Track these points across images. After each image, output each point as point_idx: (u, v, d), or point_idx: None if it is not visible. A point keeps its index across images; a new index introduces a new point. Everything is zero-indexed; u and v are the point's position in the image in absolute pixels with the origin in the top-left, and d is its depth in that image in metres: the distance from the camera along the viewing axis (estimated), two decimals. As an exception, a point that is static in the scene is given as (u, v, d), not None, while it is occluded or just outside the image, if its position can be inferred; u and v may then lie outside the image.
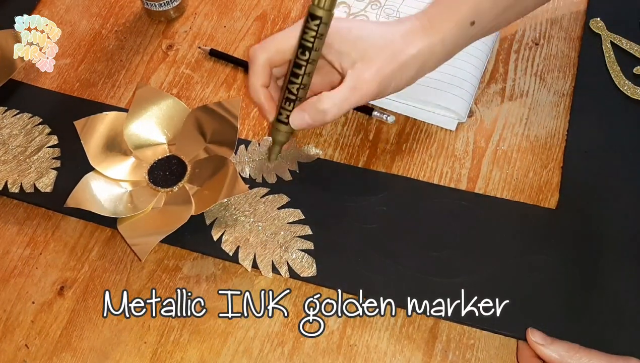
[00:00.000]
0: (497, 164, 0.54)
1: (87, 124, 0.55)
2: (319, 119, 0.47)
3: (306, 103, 0.47)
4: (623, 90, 0.55)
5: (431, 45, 0.47)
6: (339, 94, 0.46)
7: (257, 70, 0.49)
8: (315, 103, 0.47)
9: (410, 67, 0.47)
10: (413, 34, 0.47)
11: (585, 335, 0.44)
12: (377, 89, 0.47)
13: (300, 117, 0.48)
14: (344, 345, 0.47)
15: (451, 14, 0.47)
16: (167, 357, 0.47)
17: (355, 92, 0.46)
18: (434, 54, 0.48)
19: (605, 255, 0.48)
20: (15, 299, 0.50)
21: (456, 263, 0.48)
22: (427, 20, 0.48)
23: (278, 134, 0.50)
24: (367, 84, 0.46)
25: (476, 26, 0.48)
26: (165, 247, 0.51)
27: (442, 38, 0.47)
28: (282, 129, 0.49)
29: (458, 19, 0.47)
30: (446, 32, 0.47)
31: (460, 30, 0.48)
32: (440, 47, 0.47)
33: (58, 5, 0.67)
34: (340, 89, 0.46)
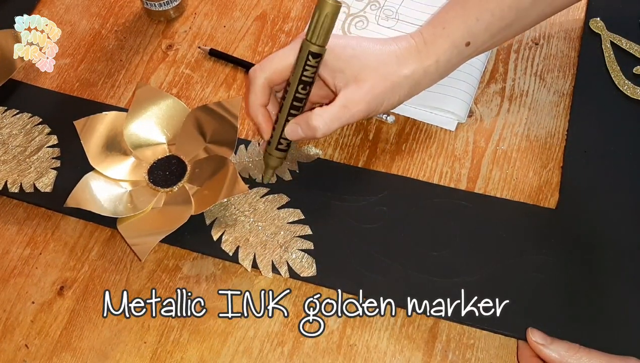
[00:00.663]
0: (497, 164, 0.54)
1: (87, 123, 0.55)
2: (309, 134, 0.48)
3: (300, 117, 0.49)
4: (623, 90, 0.55)
5: (425, 67, 0.48)
6: (329, 112, 0.47)
7: (256, 91, 0.50)
8: (307, 119, 0.48)
9: (403, 87, 0.48)
10: (407, 55, 0.48)
11: (585, 335, 0.44)
12: (367, 109, 0.48)
13: (294, 130, 0.49)
14: (344, 345, 0.47)
15: (447, 35, 0.48)
16: (167, 357, 0.47)
17: (345, 111, 0.47)
18: (428, 75, 0.48)
19: (605, 255, 0.48)
20: (15, 299, 0.50)
21: (456, 263, 0.48)
22: (422, 41, 0.48)
23: (271, 160, 0.51)
24: (358, 104, 0.47)
25: (471, 47, 0.48)
26: (165, 247, 0.51)
27: (437, 59, 0.48)
28: (276, 155, 0.51)
29: (453, 40, 0.48)
30: (441, 53, 0.48)
31: (454, 51, 0.48)
32: (434, 68, 0.48)
33: (58, 5, 0.67)
34: (331, 108, 0.47)
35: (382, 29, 0.61)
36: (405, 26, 0.61)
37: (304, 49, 0.46)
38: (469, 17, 0.48)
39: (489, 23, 0.48)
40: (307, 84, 0.47)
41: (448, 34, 0.48)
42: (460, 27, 0.48)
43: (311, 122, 0.47)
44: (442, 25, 0.48)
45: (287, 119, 0.49)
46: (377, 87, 0.47)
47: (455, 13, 0.48)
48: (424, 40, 0.48)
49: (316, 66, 0.47)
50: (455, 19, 0.48)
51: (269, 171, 0.52)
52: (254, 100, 0.51)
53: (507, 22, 0.48)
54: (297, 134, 0.49)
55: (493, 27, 0.48)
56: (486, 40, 0.49)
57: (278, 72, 0.49)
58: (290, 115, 0.49)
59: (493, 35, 0.48)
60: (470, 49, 0.49)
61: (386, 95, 0.48)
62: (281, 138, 0.50)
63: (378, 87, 0.47)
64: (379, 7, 0.62)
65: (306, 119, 0.48)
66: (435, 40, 0.48)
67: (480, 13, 0.47)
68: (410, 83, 0.48)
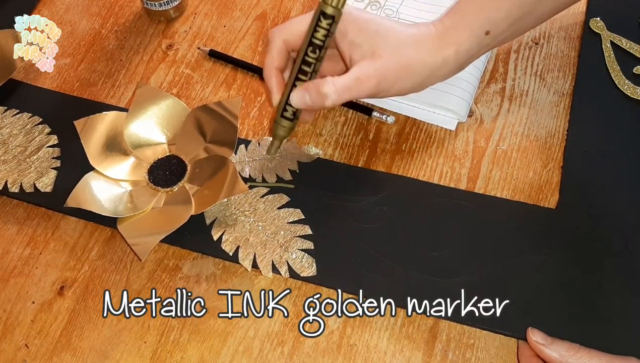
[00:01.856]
0: (497, 164, 0.54)
1: (87, 123, 0.55)
2: (318, 102, 0.47)
3: (310, 83, 0.47)
4: (623, 90, 0.55)
5: (444, 55, 0.47)
6: (342, 81, 0.46)
7: (272, 52, 0.49)
8: (317, 85, 0.46)
9: (418, 73, 0.47)
10: (427, 41, 0.47)
11: (586, 335, 0.44)
12: (377, 85, 0.47)
13: (301, 96, 0.47)
14: (344, 345, 0.47)
15: (466, 24, 0.47)
16: (167, 357, 0.47)
17: (357, 83, 0.46)
18: (446, 65, 0.48)
19: (605, 254, 0.48)
20: (15, 299, 0.50)
21: (456, 263, 0.48)
22: (443, 29, 0.47)
23: (279, 129, 0.49)
24: (370, 78, 0.46)
25: (490, 36, 0.48)
26: (165, 246, 0.51)
27: (457, 49, 0.47)
28: (284, 125, 0.49)
29: (473, 28, 0.47)
30: (461, 42, 0.47)
31: (475, 40, 0.47)
32: (454, 58, 0.47)
33: (58, 5, 0.67)
34: (345, 77, 0.46)
35: (382, 29, 0.60)
36: (406, 26, 0.61)
37: (318, 8, 0.45)
38: (489, 5, 0.47)
39: (508, 11, 0.47)
40: (316, 47, 0.45)
41: (468, 22, 0.47)
42: (480, 15, 0.47)
43: (322, 89, 0.46)
44: (461, 14, 0.48)
45: (294, 84, 0.47)
46: (391, 65, 0.46)
47: (475, 1, 0.48)
48: (444, 28, 0.47)
49: (327, 29, 0.45)
50: (475, 7, 0.47)
51: (276, 142, 0.50)
52: (269, 62, 0.49)
53: (526, 10, 0.48)
54: (304, 101, 0.47)
55: (512, 15, 0.47)
56: (505, 29, 0.48)
57: (297, 35, 0.48)
58: (298, 80, 0.47)
59: (512, 23, 0.48)
60: (489, 39, 0.48)
61: (399, 77, 0.47)
62: (287, 104, 0.48)
63: (392, 66, 0.46)
64: (380, 7, 0.62)
65: (316, 86, 0.46)
66: (455, 29, 0.47)
67: (500, 1, 0.47)
68: (426, 70, 0.47)
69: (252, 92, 0.59)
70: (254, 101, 0.59)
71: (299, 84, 0.47)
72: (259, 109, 0.58)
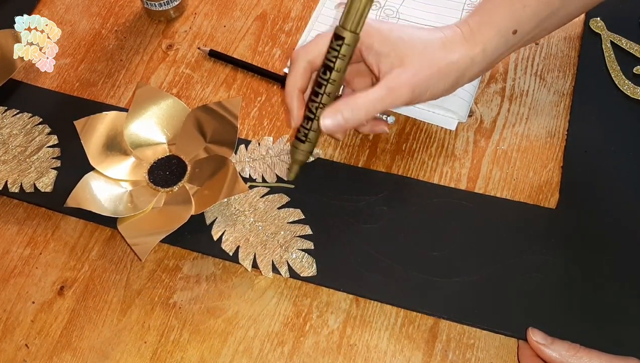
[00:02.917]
0: (497, 164, 0.54)
1: (87, 123, 0.55)
2: (352, 119, 0.46)
3: (340, 102, 0.46)
4: (623, 90, 0.55)
5: (472, 55, 0.46)
6: (375, 93, 0.45)
7: (296, 73, 0.48)
8: (349, 101, 0.45)
9: (449, 75, 0.47)
10: (453, 42, 0.46)
11: (586, 335, 0.44)
12: (411, 93, 0.46)
13: (333, 117, 0.46)
14: (344, 345, 0.47)
15: (493, 23, 0.47)
16: (167, 357, 0.47)
17: (390, 93, 0.45)
18: (475, 64, 0.47)
19: (605, 254, 0.48)
20: (15, 299, 0.50)
21: (456, 263, 0.48)
22: (468, 29, 0.47)
23: (297, 153, 0.49)
24: (402, 87, 0.45)
25: (518, 35, 0.47)
26: (165, 246, 0.51)
27: (484, 48, 0.46)
28: (301, 148, 0.49)
29: (500, 27, 0.46)
30: (487, 41, 0.46)
31: (502, 39, 0.47)
32: (481, 57, 0.47)
33: (58, 5, 0.67)
34: (376, 89, 0.45)
35: (382, 29, 0.61)
36: (406, 26, 0.61)
37: (335, 34, 0.44)
38: (515, 4, 0.46)
39: (535, 9, 0.46)
40: (327, 69, 0.45)
41: (494, 22, 0.46)
42: (506, 14, 0.46)
43: (355, 104, 0.45)
44: (488, 13, 0.47)
45: (307, 107, 0.47)
46: (422, 72, 0.45)
47: (502, 1, 0.47)
48: (470, 28, 0.47)
49: (338, 50, 0.44)
50: (502, 6, 0.47)
51: (295, 167, 0.50)
52: (292, 83, 0.48)
53: (553, 9, 0.47)
54: (337, 122, 0.45)
55: (539, 13, 0.47)
56: (533, 28, 0.47)
57: (322, 56, 0.47)
58: (310, 101, 0.46)
59: (539, 23, 0.47)
60: (516, 38, 0.47)
61: (431, 81, 0.46)
62: (304, 128, 0.48)
63: (424, 72, 0.45)
64: (380, 7, 0.62)
65: (348, 102, 0.45)
66: (481, 28, 0.46)
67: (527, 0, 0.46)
68: (456, 71, 0.47)
69: (252, 92, 0.59)
70: (254, 101, 0.59)
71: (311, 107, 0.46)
72: (259, 109, 0.58)
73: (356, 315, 0.48)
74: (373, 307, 0.48)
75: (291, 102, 0.48)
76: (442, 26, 0.48)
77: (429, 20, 0.61)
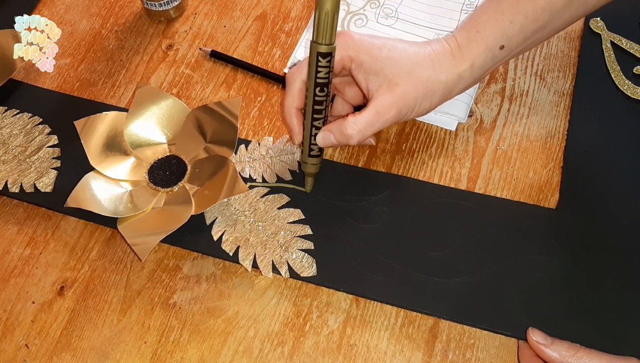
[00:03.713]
0: (497, 164, 0.54)
1: (87, 123, 0.55)
2: (343, 141, 0.48)
3: (333, 125, 0.48)
4: (623, 90, 0.55)
5: (460, 71, 0.47)
6: (363, 119, 0.47)
7: (293, 93, 0.50)
8: (340, 127, 0.47)
9: (436, 93, 0.48)
10: (442, 59, 0.47)
11: (586, 335, 0.44)
12: (398, 115, 0.47)
13: (326, 138, 0.49)
14: (344, 345, 0.47)
15: (480, 39, 0.47)
16: (167, 357, 0.47)
17: (378, 117, 0.47)
18: (462, 80, 0.48)
19: (606, 254, 0.48)
20: (15, 299, 0.50)
21: (456, 263, 0.48)
22: (456, 45, 0.48)
23: (309, 168, 0.51)
24: (390, 110, 0.47)
25: (505, 50, 0.48)
26: (165, 246, 0.51)
27: (472, 63, 0.47)
28: (313, 162, 0.50)
29: (488, 43, 0.47)
30: (475, 57, 0.47)
31: (489, 54, 0.48)
32: (469, 72, 0.48)
33: (58, 5, 0.67)
34: (364, 114, 0.47)
35: (382, 27, 0.61)
36: (405, 25, 0.61)
37: (312, 51, 0.45)
38: (503, 20, 0.47)
39: (522, 25, 0.47)
40: (323, 86, 0.46)
41: (482, 38, 0.47)
42: (494, 30, 0.47)
43: (345, 131, 0.47)
44: (475, 29, 0.48)
45: (312, 124, 0.48)
46: (409, 92, 0.47)
47: (489, 16, 0.48)
48: (457, 44, 0.48)
49: (328, 66, 0.46)
50: (489, 22, 0.47)
51: (310, 180, 0.52)
52: (289, 103, 0.50)
53: (541, 24, 0.47)
54: (329, 142, 0.49)
55: (527, 29, 0.47)
56: (520, 43, 0.48)
57: None
58: (315, 120, 0.48)
59: (527, 37, 0.48)
60: (504, 53, 0.48)
61: (418, 100, 0.47)
62: (311, 144, 0.49)
63: (411, 92, 0.47)
64: (379, 6, 0.62)
65: (339, 127, 0.47)
66: (469, 44, 0.47)
67: (514, 15, 0.47)
68: (444, 89, 0.48)
69: (252, 92, 0.59)
70: (254, 101, 0.59)
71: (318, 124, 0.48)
72: (259, 109, 0.58)
73: (356, 315, 0.48)
74: (373, 307, 0.48)
75: (291, 122, 0.50)
76: (430, 40, 0.49)
77: (427, 21, 0.61)
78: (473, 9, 0.61)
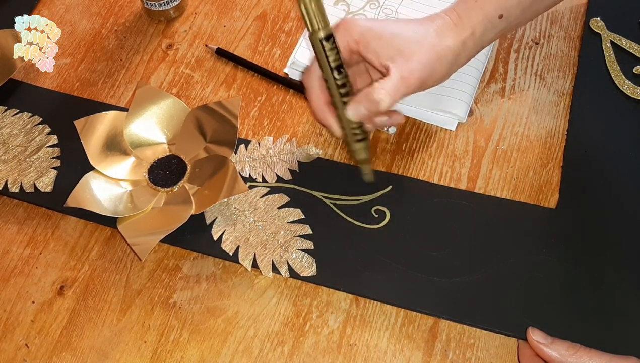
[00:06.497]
0: (497, 164, 0.54)
1: (87, 123, 0.55)
2: (374, 109, 0.47)
3: (360, 95, 0.47)
4: (623, 90, 0.55)
5: (462, 39, 0.48)
6: (390, 83, 0.47)
7: (316, 93, 0.50)
8: (368, 94, 0.47)
9: (447, 59, 0.48)
10: (444, 29, 0.48)
11: (586, 335, 0.44)
12: (420, 78, 0.47)
13: (356, 109, 0.48)
14: (344, 344, 0.47)
15: (479, 8, 0.48)
16: (167, 357, 0.47)
17: (404, 81, 0.47)
18: (466, 48, 0.48)
19: (605, 254, 0.48)
20: (15, 299, 0.50)
21: (456, 263, 0.48)
22: (456, 15, 0.48)
23: (359, 153, 0.50)
24: (413, 73, 0.47)
25: (504, 19, 0.48)
26: (165, 246, 0.51)
27: (472, 32, 0.48)
28: (362, 147, 0.50)
29: (486, 12, 0.48)
30: (475, 25, 0.48)
31: (489, 24, 0.48)
32: (471, 41, 0.48)
33: (58, 5, 0.67)
34: (390, 79, 0.47)
35: (382, 29, 0.61)
36: (406, 26, 0.61)
37: (314, 42, 0.45)
38: None
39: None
40: (339, 67, 0.46)
41: (481, 7, 0.48)
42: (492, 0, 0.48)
43: (374, 96, 0.46)
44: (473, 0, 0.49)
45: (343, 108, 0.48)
46: (423, 58, 0.47)
47: None
48: (457, 14, 0.48)
49: (335, 48, 0.45)
50: None
51: (365, 167, 0.51)
52: (317, 103, 0.50)
53: None
54: (360, 113, 0.48)
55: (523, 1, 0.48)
56: (518, 13, 0.49)
57: None
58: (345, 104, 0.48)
59: (524, 8, 0.49)
60: (503, 23, 0.49)
61: (434, 65, 0.47)
62: (352, 130, 0.49)
63: (425, 57, 0.47)
64: (379, 6, 0.62)
65: (367, 95, 0.47)
66: (468, 14, 0.48)
67: None
68: (452, 55, 0.48)
69: (252, 91, 0.59)
70: (254, 101, 0.59)
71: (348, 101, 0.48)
72: (259, 109, 0.58)
73: (356, 314, 0.48)
74: (373, 307, 0.48)
75: (325, 119, 0.50)
76: (429, 15, 0.49)
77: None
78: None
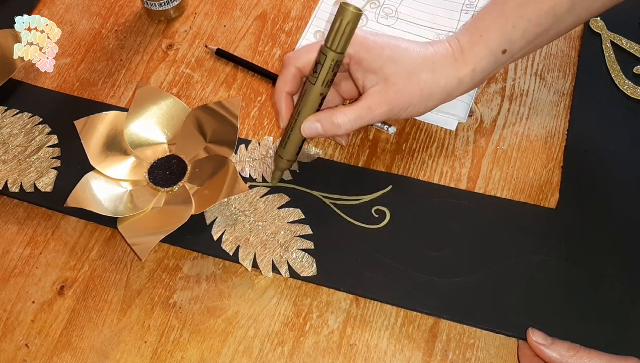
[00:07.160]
0: (497, 164, 0.54)
1: (87, 123, 0.55)
2: (331, 131, 0.48)
3: (322, 113, 0.48)
4: (623, 90, 0.55)
5: (460, 76, 0.47)
6: (354, 111, 0.47)
7: (286, 77, 0.50)
8: (330, 116, 0.47)
9: (435, 97, 0.48)
10: (443, 63, 0.47)
11: (586, 335, 0.44)
12: (388, 112, 0.48)
13: (313, 126, 0.48)
14: (344, 344, 0.47)
15: (483, 43, 0.47)
16: (167, 357, 0.47)
17: (369, 112, 0.47)
18: (462, 85, 0.48)
19: (605, 254, 0.48)
20: (15, 299, 0.50)
21: (456, 263, 0.48)
22: (459, 48, 0.48)
23: (281, 162, 0.51)
24: (381, 106, 0.47)
25: (507, 54, 0.48)
26: (165, 246, 0.51)
27: (473, 68, 0.47)
28: (286, 158, 0.51)
29: (490, 47, 0.47)
30: (477, 61, 0.47)
31: (491, 58, 0.47)
32: (470, 78, 0.48)
33: (58, 5, 0.67)
34: (355, 107, 0.47)
35: (382, 27, 0.61)
36: (405, 24, 0.61)
37: (323, 55, 0.46)
38: (506, 24, 0.47)
39: (525, 29, 0.46)
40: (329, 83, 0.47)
41: (485, 42, 0.47)
42: (497, 34, 0.47)
43: (335, 119, 0.47)
44: (478, 33, 0.47)
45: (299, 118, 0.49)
46: (405, 93, 0.47)
47: (492, 20, 0.47)
48: (460, 47, 0.47)
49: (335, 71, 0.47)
50: (492, 26, 0.47)
51: (277, 173, 0.52)
52: (281, 86, 0.50)
53: (544, 28, 0.47)
54: (314, 131, 0.48)
55: (530, 33, 0.47)
56: (522, 47, 0.48)
57: (311, 64, 0.49)
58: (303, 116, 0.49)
59: (529, 42, 0.47)
60: (506, 57, 0.48)
61: (413, 101, 0.47)
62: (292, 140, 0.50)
63: (406, 93, 0.47)
64: (379, 6, 0.62)
65: (329, 116, 0.47)
66: (472, 48, 0.47)
67: (517, 19, 0.46)
68: (442, 93, 0.48)
69: (252, 91, 0.59)
70: (254, 101, 0.59)
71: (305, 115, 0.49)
72: (259, 109, 0.58)
73: (356, 314, 0.48)
74: (373, 307, 0.48)
75: (280, 105, 0.51)
76: (434, 41, 0.49)
77: (427, 20, 0.61)
78: (473, 9, 0.61)
